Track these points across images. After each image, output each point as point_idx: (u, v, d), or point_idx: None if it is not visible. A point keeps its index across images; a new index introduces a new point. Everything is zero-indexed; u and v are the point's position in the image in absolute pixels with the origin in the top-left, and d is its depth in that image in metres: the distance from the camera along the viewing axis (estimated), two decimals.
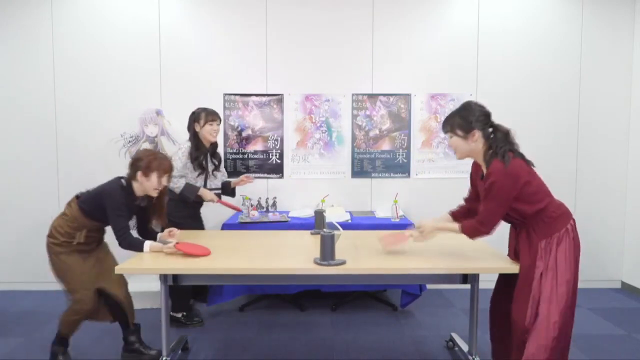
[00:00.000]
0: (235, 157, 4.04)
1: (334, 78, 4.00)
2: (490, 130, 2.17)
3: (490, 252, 2.44)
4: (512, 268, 2.17)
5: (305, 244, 2.66)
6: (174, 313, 3.20)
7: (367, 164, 4.07)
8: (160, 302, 2.44)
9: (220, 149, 3.45)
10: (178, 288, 3.03)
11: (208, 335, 3.08)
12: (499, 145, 2.10)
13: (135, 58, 3.94)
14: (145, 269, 2.34)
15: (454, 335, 2.88)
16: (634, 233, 4.00)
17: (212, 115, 3.17)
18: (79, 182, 2.63)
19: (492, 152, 2.11)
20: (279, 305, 3.63)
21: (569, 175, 4.07)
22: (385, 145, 4.06)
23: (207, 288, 3.38)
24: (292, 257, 2.40)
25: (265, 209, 3.85)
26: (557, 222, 2.10)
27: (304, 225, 3.34)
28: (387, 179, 4.07)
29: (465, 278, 2.37)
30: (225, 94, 4.00)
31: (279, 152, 4.05)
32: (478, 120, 2.14)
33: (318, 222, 2.89)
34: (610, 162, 4.07)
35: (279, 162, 4.05)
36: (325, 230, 2.18)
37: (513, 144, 2.14)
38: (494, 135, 2.15)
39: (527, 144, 3.77)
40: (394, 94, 4.02)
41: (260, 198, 3.90)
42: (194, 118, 3.18)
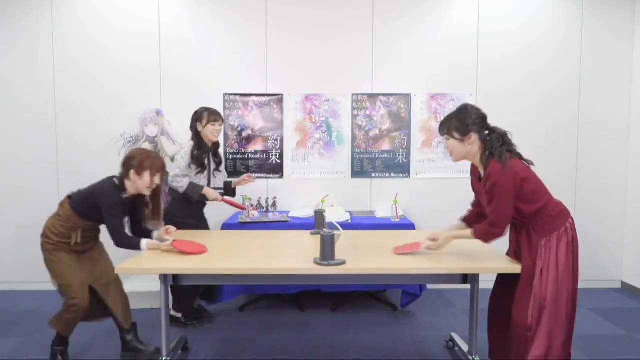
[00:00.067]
0: (235, 157, 4.04)
1: (334, 78, 4.00)
2: (487, 133, 2.20)
3: (490, 252, 2.44)
4: (512, 268, 2.18)
5: (305, 244, 2.66)
6: (175, 313, 3.20)
7: (367, 164, 4.07)
8: (160, 302, 2.44)
9: (221, 149, 3.45)
10: (181, 288, 3.03)
11: (208, 335, 3.08)
12: (496, 147, 2.12)
13: (135, 58, 3.94)
14: (145, 269, 2.34)
15: (454, 335, 2.88)
16: (634, 233, 4.00)
17: (214, 116, 3.17)
18: (79, 182, 2.63)
19: (489, 153, 2.14)
20: (279, 305, 3.63)
21: (569, 175, 4.07)
22: (385, 145, 4.06)
23: (215, 288, 3.35)
24: (292, 257, 2.40)
25: (265, 209, 3.85)
26: (556, 220, 2.13)
27: (304, 225, 3.34)
28: (387, 179, 4.07)
29: (465, 278, 2.37)
30: (225, 94, 4.00)
31: (279, 152, 4.05)
32: (475, 123, 2.17)
33: (318, 222, 2.89)
34: (610, 162, 4.07)
35: (279, 162, 4.05)
36: (325, 230, 2.18)
37: (510, 145, 2.16)
38: (491, 138, 2.17)
39: (527, 144, 3.77)
40: (394, 94, 4.02)
41: (260, 198, 3.90)
42: (197, 118, 3.18)
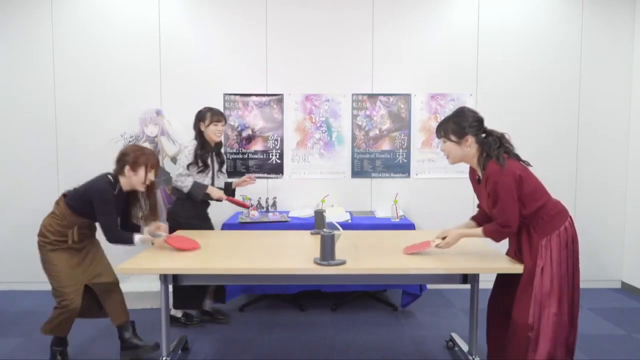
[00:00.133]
0: (235, 157, 4.04)
1: (334, 78, 4.00)
2: (484, 136, 2.21)
3: (490, 252, 2.44)
4: (512, 268, 2.18)
5: (305, 244, 2.66)
6: (174, 313, 3.20)
7: (367, 164, 4.07)
8: (160, 302, 2.44)
9: (222, 149, 3.44)
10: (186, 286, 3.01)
11: (208, 335, 3.08)
12: (493, 149, 2.14)
13: (135, 58, 3.94)
14: (145, 269, 2.34)
15: (454, 335, 2.88)
16: (634, 233, 4.00)
17: (217, 116, 3.16)
18: (79, 182, 2.62)
19: (486, 155, 2.16)
20: (279, 305, 3.63)
21: (569, 175, 4.07)
22: (385, 145, 4.06)
23: (223, 288, 3.33)
24: (292, 257, 2.40)
25: (265, 209, 3.85)
26: (555, 220, 2.14)
27: (304, 225, 3.34)
28: (387, 179, 4.07)
29: (465, 278, 2.37)
30: (225, 94, 4.00)
31: (279, 152, 4.05)
32: (471, 126, 2.19)
33: (318, 222, 2.89)
34: (610, 162, 4.07)
35: (279, 162, 4.05)
36: (325, 230, 2.18)
37: (508, 147, 2.18)
38: (488, 140, 2.19)
39: (527, 144, 3.76)
40: (394, 94, 4.02)
41: (260, 198, 3.90)
42: (200, 117, 3.17)
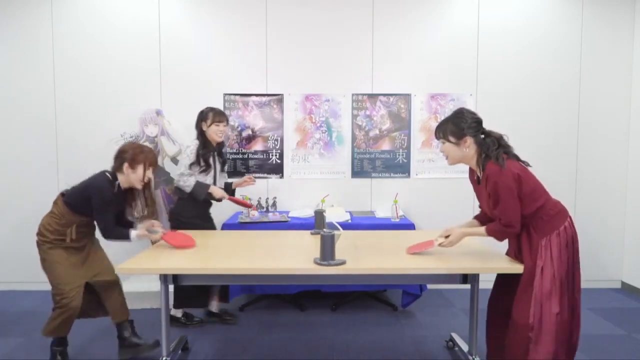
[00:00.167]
0: (235, 157, 4.04)
1: (334, 78, 4.00)
2: (483, 137, 2.22)
3: (490, 252, 2.44)
4: (512, 268, 2.18)
5: (305, 244, 2.66)
6: (175, 313, 3.20)
7: (367, 164, 4.07)
8: (161, 302, 2.44)
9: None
10: (190, 286, 3.01)
11: (208, 335, 3.08)
12: (492, 149, 2.15)
13: (135, 58, 3.94)
14: (145, 269, 2.34)
15: (454, 335, 2.88)
16: (634, 233, 4.00)
17: (219, 116, 3.16)
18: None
19: (485, 156, 2.17)
20: (279, 305, 3.63)
21: (569, 175, 4.07)
22: (385, 145, 4.06)
23: (227, 287, 3.33)
24: (292, 257, 2.40)
25: (265, 209, 3.85)
26: (555, 219, 2.15)
27: (304, 225, 3.34)
28: (387, 179, 4.07)
29: (465, 278, 2.37)
30: (225, 94, 4.00)
31: (279, 152, 4.05)
32: (470, 127, 2.20)
33: (318, 222, 2.89)
34: (610, 162, 4.07)
35: (279, 162, 4.05)
36: (325, 230, 2.18)
37: (506, 147, 2.19)
38: (486, 141, 2.19)
39: (527, 144, 3.75)
40: (394, 94, 4.02)
41: (260, 198, 3.90)
42: (202, 117, 3.17)
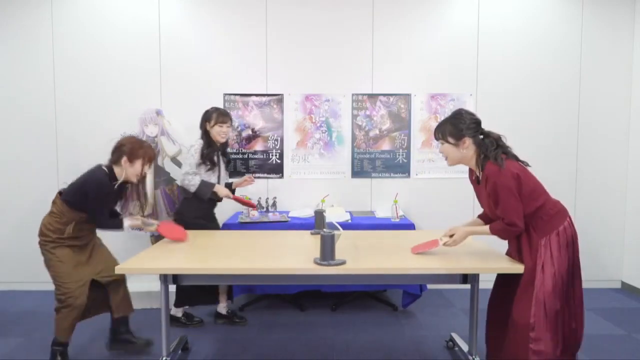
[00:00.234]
0: (235, 157, 4.03)
1: (334, 78, 4.00)
2: (481, 137, 2.23)
3: (490, 252, 2.44)
4: (512, 268, 2.18)
5: (305, 244, 2.66)
6: (175, 312, 3.20)
7: (367, 164, 4.07)
8: (161, 302, 2.44)
9: None
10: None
11: (208, 335, 3.08)
12: (490, 150, 2.16)
13: (135, 58, 3.94)
14: (145, 269, 2.34)
15: (454, 335, 2.88)
16: (634, 233, 4.00)
17: (222, 117, 3.14)
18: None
19: (484, 156, 2.18)
20: (279, 305, 3.63)
21: (569, 175, 4.07)
22: (385, 145, 4.06)
23: (231, 287, 3.33)
24: (292, 257, 2.40)
25: (265, 209, 3.85)
26: (555, 219, 2.15)
27: (304, 225, 3.34)
28: (387, 179, 4.07)
29: (465, 278, 2.37)
30: (225, 94, 4.00)
31: (279, 152, 4.05)
32: (469, 128, 2.21)
33: (318, 222, 2.89)
34: (610, 162, 4.07)
35: (279, 162, 4.05)
36: (325, 230, 2.18)
37: (505, 148, 2.20)
38: (485, 142, 2.20)
39: (527, 144, 3.75)
40: (394, 94, 4.02)
41: (260, 198, 3.90)
42: (206, 117, 3.16)
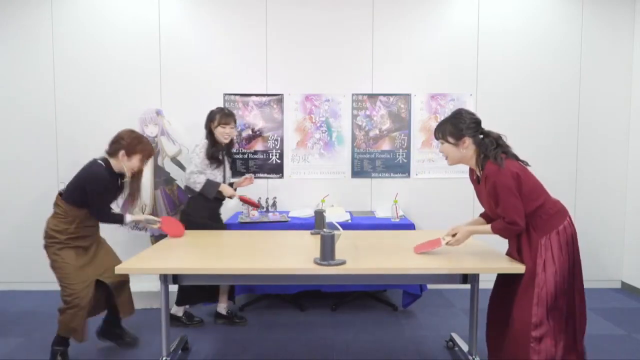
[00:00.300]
0: (236, 157, 4.03)
1: (334, 78, 4.00)
2: (481, 137, 2.23)
3: (491, 252, 2.44)
4: (512, 268, 2.18)
5: (305, 244, 2.66)
6: (175, 312, 3.20)
7: (367, 164, 4.07)
8: (161, 302, 2.44)
9: None
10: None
11: (208, 335, 3.08)
12: (490, 149, 2.16)
13: (135, 58, 3.94)
14: (145, 269, 2.34)
15: (454, 335, 2.88)
16: (634, 233, 4.00)
17: (225, 118, 3.14)
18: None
19: (484, 156, 2.19)
20: (279, 305, 3.63)
21: (569, 175, 4.07)
22: (385, 145, 4.06)
23: (233, 287, 3.33)
24: (292, 257, 2.40)
25: (265, 209, 3.85)
26: (554, 218, 2.15)
27: (304, 225, 3.35)
28: (387, 179, 4.07)
29: (465, 278, 2.37)
30: (225, 94, 4.00)
31: (279, 152, 4.05)
32: (469, 128, 2.21)
33: (318, 222, 2.89)
34: (610, 162, 4.07)
35: (279, 162, 4.05)
36: (325, 230, 2.18)
37: (505, 147, 2.20)
38: (484, 141, 2.20)
39: (527, 144, 3.75)
40: (394, 94, 4.02)
41: (260, 198, 3.90)
42: (210, 118, 3.17)
